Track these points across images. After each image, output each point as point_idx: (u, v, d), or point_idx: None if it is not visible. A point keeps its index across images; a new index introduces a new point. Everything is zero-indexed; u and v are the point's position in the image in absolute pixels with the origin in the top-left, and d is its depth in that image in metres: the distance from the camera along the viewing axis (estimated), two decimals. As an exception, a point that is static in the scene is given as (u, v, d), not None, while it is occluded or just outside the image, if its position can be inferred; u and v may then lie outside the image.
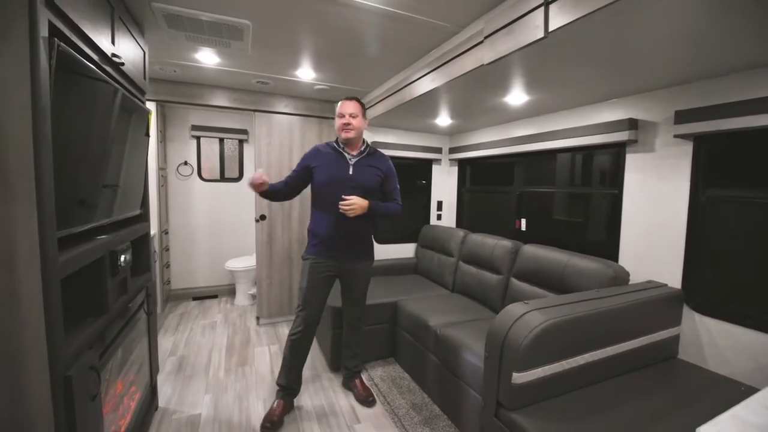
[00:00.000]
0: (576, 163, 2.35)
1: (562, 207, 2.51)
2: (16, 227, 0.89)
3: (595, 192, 2.25)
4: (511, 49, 1.33)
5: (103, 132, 1.32)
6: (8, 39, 0.84)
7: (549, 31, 1.19)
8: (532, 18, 1.24)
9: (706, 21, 1.10)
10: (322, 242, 1.89)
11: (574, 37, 1.23)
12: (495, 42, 1.42)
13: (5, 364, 0.90)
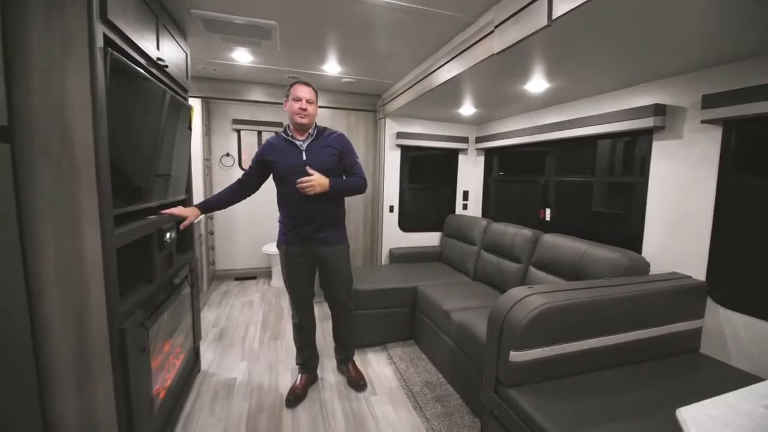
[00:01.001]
0: (601, 152, 2.27)
1: (587, 196, 2.44)
2: (82, 204, 1.09)
3: (620, 181, 2.18)
4: (519, 37, 1.35)
5: (154, 127, 1.54)
6: (71, 50, 1.03)
7: (553, 18, 1.20)
8: (537, 6, 1.25)
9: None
10: (290, 230, 1.91)
11: (590, 23, 1.22)
12: (504, 31, 1.44)
13: (75, 316, 1.12)
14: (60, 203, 1.08)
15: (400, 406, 1.98)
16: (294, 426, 1.81)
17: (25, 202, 1.04)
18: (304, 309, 2.04)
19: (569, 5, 1.13)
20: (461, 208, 3.55)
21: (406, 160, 3.42)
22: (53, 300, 1.09)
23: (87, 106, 1.05)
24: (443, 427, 1.80)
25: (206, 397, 2.02)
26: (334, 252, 1.96)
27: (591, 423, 1.14)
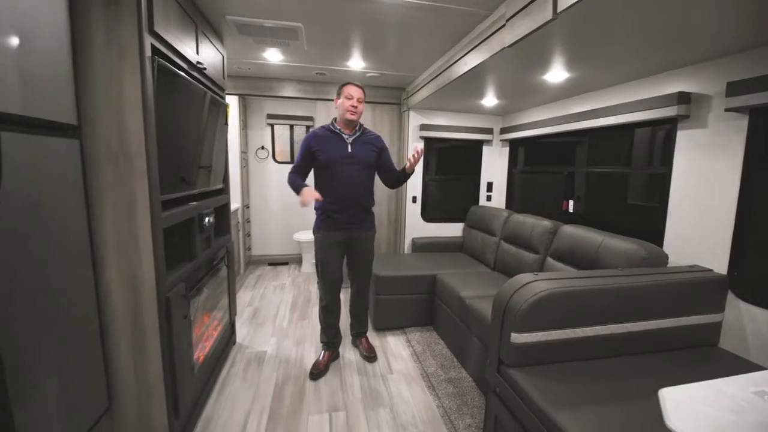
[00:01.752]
0: (624, 142, 2.22)
1: (608, 188, 2.39)
2: (135, 191, 1.30)
3: (643, 172, 2.12)
4: (527, 31, 1.39)
5: (196, 124, 1.74)
6: (126, 60, 1.22)
7: (558, 11, 1.23)
8: (543, 0, 1.28)
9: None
10: (328, 217, 2.08)
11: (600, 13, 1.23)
12: (515, 24, 1.48)
13: (130, 285, 1.34)
14: (118, 190, 1.28)
15: (414, 385, 2.10)
16: (316, 396, 1.98)
17: (90, 188, 1.26)
18: (332, 292, 2.21)
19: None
20: (485, 199, 3.57)
21: (430, 152, 3.48)
22: (113, 271, 1.31)
23: (138, 106, 1.24)
24: (453, 405, 1.90)
25: (240, 366, 2.25)
26: (364, 237, 2.18)
27: (582, 403, 1.19)
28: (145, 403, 1.40)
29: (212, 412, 1.83)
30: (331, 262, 2.14)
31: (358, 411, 1.87)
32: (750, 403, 0.88)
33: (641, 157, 2.14)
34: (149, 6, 1.26)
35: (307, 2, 1.69)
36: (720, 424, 0.80)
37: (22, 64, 0.94)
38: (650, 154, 2.06)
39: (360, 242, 2.17)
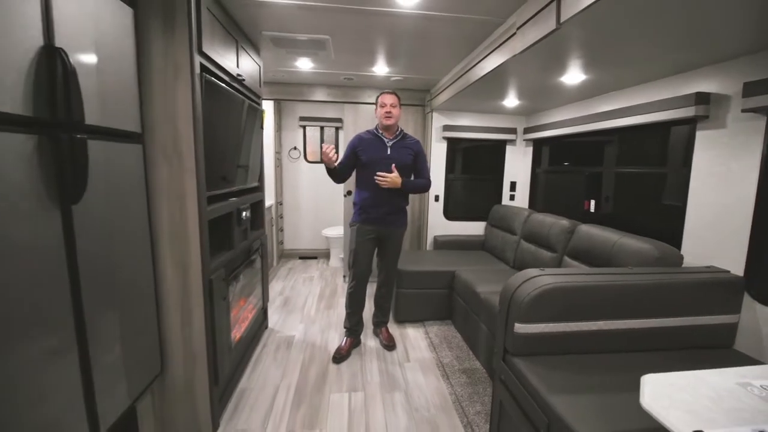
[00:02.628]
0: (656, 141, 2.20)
1: (640, 187, 2.38)
2: (186, 187, 1.52)
3: (662, 172, 2.11)
4: (534, 39, 1.47)
5: (236, 128, 1.97)
6: (179, 76, 1.44)
7: (561, 22, 1.31)
8: (548, 10, 1.36)
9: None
10: (365, 211, 2.29)
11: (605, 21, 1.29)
12: (524, 33, 1.56)
13: (180, 267, 1.57)
14: (172, 186, 1.51)
15: (429, 373, 2.22)
16: (337, 377, 2.16)
17: (150, 185, 1.49)
18: (360, 281, 2.39)
19: (573, 9, 1.24)
20: (508, 198, 3.60)
21: (453, 152, 3.56)
22: (167, 254, 1.55)
23: (189, 116, 1.47)
24: (465, 393, 2.01)
25: (271, 347, 2.48)
26: (396, 233, 2.39)
27: (579, 390, 1.26)
28: (191, 369, 1.63)
29: (246, 385, 2.06)
30: (363, 252, 2.33)
31: (375, 392, 2.02)
32: (730, 393, 0.94)
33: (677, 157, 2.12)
34: (198, 30, 1.48)
35: (333, 18, 1.85)
36: (692, 408, 0.87)
37: (100, 84, 1.17)
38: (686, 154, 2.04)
39: (391, 237, 2.37)
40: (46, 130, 0.96)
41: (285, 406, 1.89)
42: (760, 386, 0.96)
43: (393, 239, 2.38)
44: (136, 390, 1.38)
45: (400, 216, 2.38)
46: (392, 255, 2.44)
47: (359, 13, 1.79)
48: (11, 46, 0.86)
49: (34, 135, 0.93)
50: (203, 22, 1.50)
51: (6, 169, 0.85)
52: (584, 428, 1.08)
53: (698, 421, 0.81)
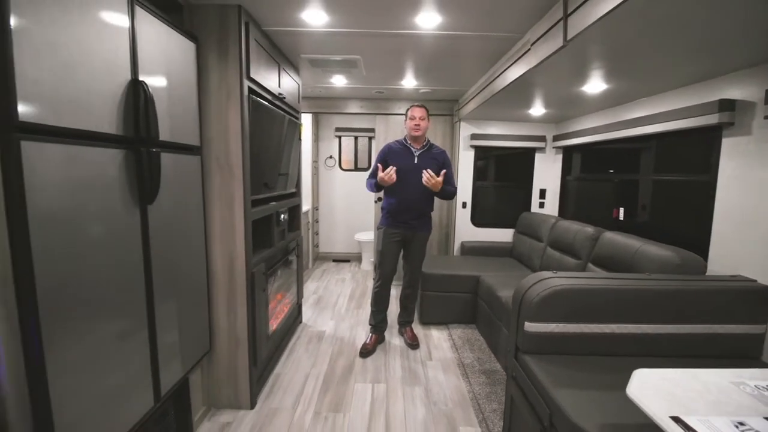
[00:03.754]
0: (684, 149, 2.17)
1: (657, 195, 2.34)
2: (234, 192, 1.77)
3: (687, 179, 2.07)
4: (545, 55, 1.57)
5: (278, 141, 2.23)
6: (231, 99, 1.70)
7: (568, 39, 1.41)
8: (556, 28, 1.47)
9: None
10: (392, 216, 2.46)
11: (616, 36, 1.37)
12: (537, 49, 1.66)
13: (228, 260, 1.82)
14: (223, 191, 1.77)
15: (450, 372, 2.32)
16: (362, 369, 2.32)
17: (206, 190, 1.76)
18: (386, 281, 2.55)
19: (577, 29, 1.34)
20: (537, 206, 3.60)
21: (480, 160, 3.64)
22: (217, 249, 1.80)
23: (238, 132, 1.72)
24: (483, 392, 2.08)
25: (304, 339, 2.70)
26: (421, 236, 2.53)
27: (583, 387, 1.32)
28: (234, 350, 1.87)
29: (281, 371, 2.28)
30: (389, 254, 2.50)
31: (396, 385, 2.16)
32: (720, 389, 0.98)
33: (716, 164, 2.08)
34: (247, 58, 1.74)
35: (362, 40, 2.06)
36: (676, 399, 0.93)
37: (170, 107, 1.44)
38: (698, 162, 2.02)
39: (416, 240, 2.52)
40: (130, 146, 1.23)
41: (314, 391, 2.08)
42: (754, 386, 0.99)
43: (418, 242, 2.53)
44: (189, 364, 1.63)
45: (425, 221, 2.53)
46: (417, 258, 2.58)
47: (385, 36, 1.98)
48: (110, 81, 1.13)
49: (123, 149, 1.20)
50: (251, 51, 1.76)
51: (104, 176, 1.12)
52: (582, 419, 1.16)
53: (678, 410, 0.88)
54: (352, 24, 1.84)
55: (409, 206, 2.43)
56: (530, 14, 1.65)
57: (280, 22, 1.85)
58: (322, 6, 1.66)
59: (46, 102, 0.93)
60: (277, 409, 1.93)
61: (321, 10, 1.70)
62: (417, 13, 1.70)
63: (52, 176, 0.95)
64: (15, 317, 0.90)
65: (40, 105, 0.91)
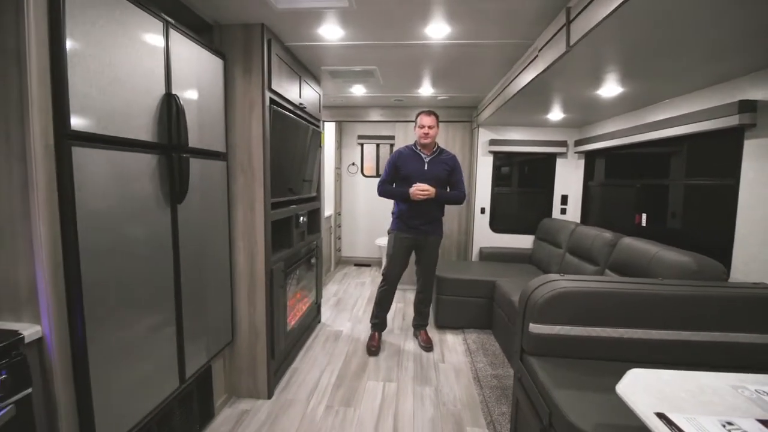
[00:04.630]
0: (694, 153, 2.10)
1: (681, 200, 2.26)
2: (255, 195, 1.92)
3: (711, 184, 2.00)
4: (550, 61, 1.60)
5: (301, 148, 2.39)
6: (253, 109, 1.86)
7: (571, 45, 1.44)
8: (560, 34, 1.50)
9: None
10: (403, 221, 2.52)
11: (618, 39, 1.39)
12: (544, 55, 1.70)
13: (249, 258, 1.96)
14: (245, 193, 1.92)
15: (461, 375, 2.33)
16: (375, 368, 2.39)
17: (231, 193, 1.92)
18: (391, 284, 2.62)
19: (578, 35, 1.37)
20: (559, 212, 3.53)
21: (500, 165, 3.64)
22: (240, 247, 1.95)
23: (260, 140, 1.87)
24: (493, 395, 2.08)
25: (321, 338, 2.81)
26: (431, 241, 2.57)
27: (583, 389, 1.32)
28: (253, 342, 2.00)
29: (298, 366, 2.39)
30: (399, 258, 2.57)
31: (407, 385, 2.20)
32: (716, 391, 0.96)
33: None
34: (269, 72, 1.89)
35: (377, 52, 2.17)
36: (665, 397, 0.93)
37: (199, 117, 1.60)
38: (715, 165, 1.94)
39: (426, 244, 2.56)
40: (164, 151, 1.39)
41: (328, 386, 2.17)
42: (754, 390, 0.97)
43: (429, 247, 2.57)
44: (212, 352, 1.77)
45: (436, 226, 2.57)
46: (430, 262, 2.63)
47: (399, 47, 2.08)
48: (147, 95, 1.30)
49: (157, 155, 1.36)
50: (273, 65, 1.92)
51: (140, 178, 1.28)
52: (578, 419, 1.17)
53: (666, 408, 0.88)
54: (366, 37, 1.96)
55: (420, 211, 2.48)
56: (539, 21, 1.68)
57: (299, 37, 2.00)
58: (337, 21, 1.78)
59: (94, 114, 1.09)
60: (292, 400, 2.03)
61: (336, 25, 1.82)
62: (427, 24, 1.79)
63: (96, 177, 1.11)
64: (63, 303, 1.06)
65: (89, 116, 1.08)
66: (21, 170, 0.99)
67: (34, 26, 0.96)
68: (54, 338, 1.03)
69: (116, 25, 1.16)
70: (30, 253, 1.01)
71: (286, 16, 1.73)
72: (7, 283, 1.03)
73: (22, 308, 1.04)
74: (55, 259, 1.03)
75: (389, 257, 2.60)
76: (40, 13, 0.97)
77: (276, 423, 1.84)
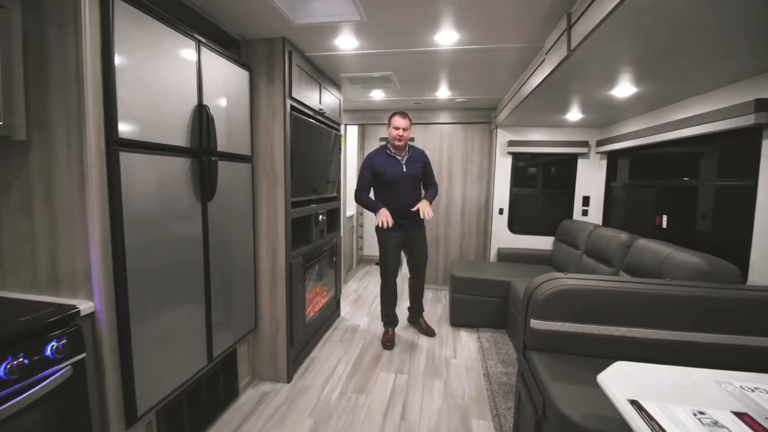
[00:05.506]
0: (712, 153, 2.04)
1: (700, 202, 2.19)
2: (277, 195, 2.09)
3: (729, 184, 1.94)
4: (555, 64, 1.65)
5: (320, 150, 2.55)
6: (275, 116, 2.03)
7: (572, 49, 1.48)
8: (562, 39, 1.54)
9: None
10: None
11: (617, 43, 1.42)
12: (551, 58, 1.74)
13: (271, 253, 2.13)
14: (268, 194, 2.09)
15: (471, 371, 2.39)
16: (388, 361, 2.50)
17: (255, 192, 2.10)
18: (391, 279, 2.76)
19: (577, 40, 1.41)
20: (580, 213, 3.48)
21: (518, 166, 3.63)
22: (263, 242, 2.13)
23: (281, 144, 2.04)
24: (501, 391, 2.13)
25: (339, 331, 2.95)
26: (417, 235, 2.75)
27: (579, 383, 1.35)
28: (274, 330, 2.17)
29: (316, 355, 2.55)
30: (392, 254, 2.71)
31: (418, 377, 2.29)
32: (697, 384, 0.99)
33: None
34: (290, 81, 2.05)
35: (393, 58, 2.28)
36: (644, 388, 0.96)
37: (227, 125, 1.79)
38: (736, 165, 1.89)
39: (414, 238, 2.74)
40: (195, 155, 1.57)
41: (342, 375, 2.30)
42: (738, 386, 0.98)
43: (416, 239, 2.75)
44: (237, 336, 1.95)
45: (417, 220, 2.67)
46: (420, 253, 2.80)
47: (411, 54, 2.18)
48: (181, 106, 1.48)
49: (190, 158, 1.54)
50: (293, 74, 2.08)
51: (176, 179, 1.47)
52: (568, 408, 1.22)
53: (642, 397, 0.92)
54: (379, 45, 2.08)
55: (403, 212, 2.58)
56: (547, 24, 1.72)
57: (318, 48, 2.15)
58: (352, 33, 1.91)
59: (137, 123, 1.28)
60: (309, 386, 2.18)
61: (351, 36, 1.95)
62: (436, 32, 1.88)
63: (139, 178, 1.30)
64: (111, 285, 1.25)
65: (133, 125, 1.27)
66: (79, 172, 1.19)
67: (89, 49, 1.15)
68: (103, 313, 1.23)
69: (155, 46, 1.35)
70: (86, 242, 1.21)
71: (304, 30, 1.88)
72: (68, 266, 1.24)
73: (79, 287, 1.24)
74: (105, 248, 1.22)
75: (382, 256, 2.73)
76: (94, 37, 1.16)
77: (293, 404, 1.99)
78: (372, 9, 1.64)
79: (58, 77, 1.18)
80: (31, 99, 1.21)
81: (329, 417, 1.90)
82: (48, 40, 1.18)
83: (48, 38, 1.18)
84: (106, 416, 1.26)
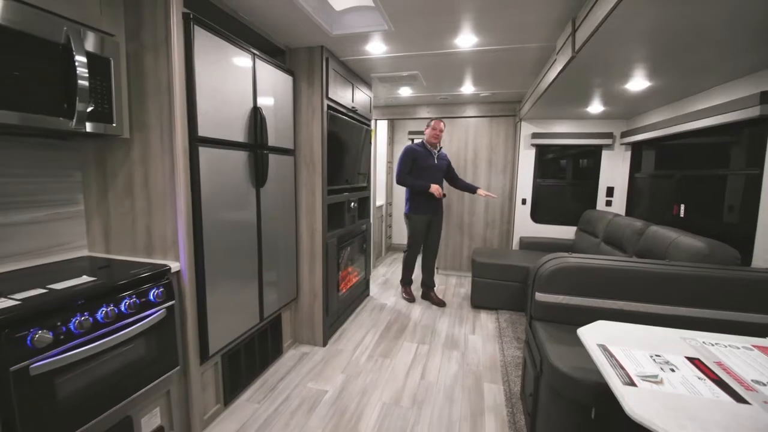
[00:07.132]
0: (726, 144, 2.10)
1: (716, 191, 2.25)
2: (315, 183, 2.41)
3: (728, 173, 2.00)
4: (563, 64, 1.82)
5: (353, 145, 2.85)
6: (314, 114, 2.33)
7: (576, 51, 1.65)
8: (568, 42, 1.71)
9: None
10: (421, 206, 3.23)
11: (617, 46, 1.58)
12: (560, 58, 1.91)
13: (310, 232, 2.46)
14: (308, 182, 2.42)
15: (488, 344, 2.62)
16: (412, 332, 2.77)
17: (297, 181, 2.43)
18: (414, 250, 3.34)
19: (580, 43, 1.58)
20: (604, 204, 3.55)
21: (542, 157, 3.74)
22: (303, 224, 2.46)
23: (319, 139, 2.35)
24: (514, 362, 2.34)
25: (368, 308, 3.27)
26: (439, 218, 3.37)
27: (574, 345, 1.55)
28: (312, 300, 2.51)
29: (347, 326, 2.87)
30: (419, 234, 3.29)
31: (437, 347, 2.55)
32: (664, 339, 1.17)
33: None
34: (326, 84, 2.35)
35: (418, 60, 2.51)
36: (617, 339, 1.16)
37: (275, 123, 2.11)
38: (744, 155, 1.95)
39: (435, 221, 3.33)
40: (251, 149, 1.91)
41: (371, 342, 2.61)
42: (701, 342, 1.16)
43: (437, 222, 3.35)
44: (282, 302, 2.31)
45: (441, 206, 3.35)
46: (437, 233, 3.39)
47: (435, 55, 2.40)
48: (241, 108, 1.82)
49: (247, 151, 1.88)
50: (330, 77, 2.37)
51: (238, 169, 1.81)
52: (559, 362, 1.43)
53: (611, 344, 1.13)
54: (406, 49, 2.32)
55: (431, 199, 3.21)
56: (560, 25, 1.89)
57: (352, 53, 2.43)
58: (381, 40, 2.17)
59: (211, 123, 1.62)
60: (341, 349, 2.51)
61: (380, 42, 2.21)
62: (456, 36, 2.09)
63: (212, 167, 1.65)
64: (192, 250, 1.61)
65: (208, 125, 1.61)
66: (169, 163, 1.55)
67: (177, 67, 1.49)
68: (187, 272, 1.59)
69: (223, 61, 1.68)
70: (174, 217, 1.57)
71: (339, 39, 2.16)
72: (160, 235, 1.61)
73: (169, 251, 1.61)
74: (188, 222, 1.58)
75: (411, 234, 3.33)
76: (180, 58, 1.50)
77: (328, 363, 2.33)
78: (399, 20, 1.89)
79: (153, 89, 1.53)
80: (132, 106, 1.58)
81: (358, 374, 2.21)
82: (145, 61, 1.54)
83: (145, 59, 1.54)
84: (186, 351, 1.63)
